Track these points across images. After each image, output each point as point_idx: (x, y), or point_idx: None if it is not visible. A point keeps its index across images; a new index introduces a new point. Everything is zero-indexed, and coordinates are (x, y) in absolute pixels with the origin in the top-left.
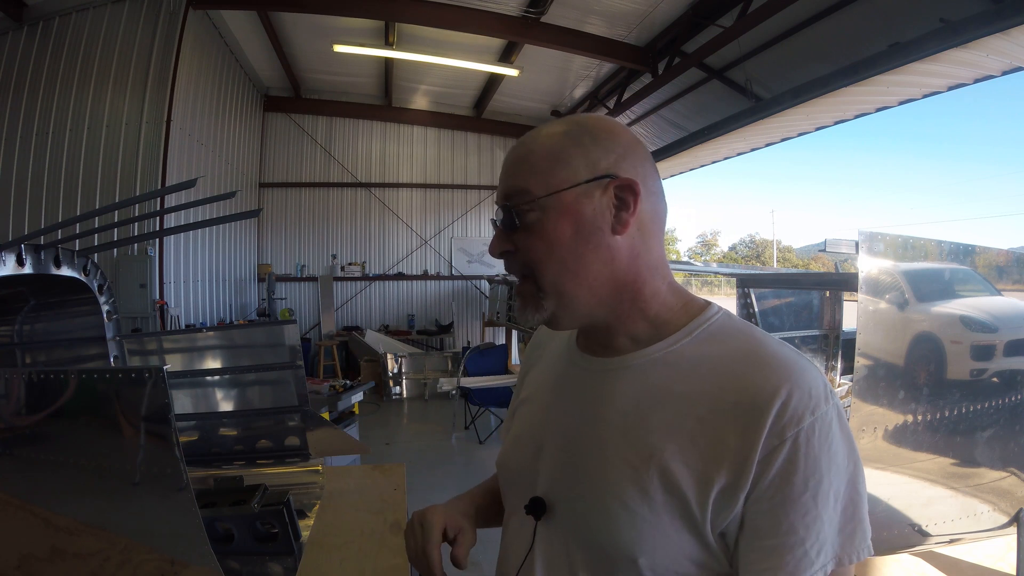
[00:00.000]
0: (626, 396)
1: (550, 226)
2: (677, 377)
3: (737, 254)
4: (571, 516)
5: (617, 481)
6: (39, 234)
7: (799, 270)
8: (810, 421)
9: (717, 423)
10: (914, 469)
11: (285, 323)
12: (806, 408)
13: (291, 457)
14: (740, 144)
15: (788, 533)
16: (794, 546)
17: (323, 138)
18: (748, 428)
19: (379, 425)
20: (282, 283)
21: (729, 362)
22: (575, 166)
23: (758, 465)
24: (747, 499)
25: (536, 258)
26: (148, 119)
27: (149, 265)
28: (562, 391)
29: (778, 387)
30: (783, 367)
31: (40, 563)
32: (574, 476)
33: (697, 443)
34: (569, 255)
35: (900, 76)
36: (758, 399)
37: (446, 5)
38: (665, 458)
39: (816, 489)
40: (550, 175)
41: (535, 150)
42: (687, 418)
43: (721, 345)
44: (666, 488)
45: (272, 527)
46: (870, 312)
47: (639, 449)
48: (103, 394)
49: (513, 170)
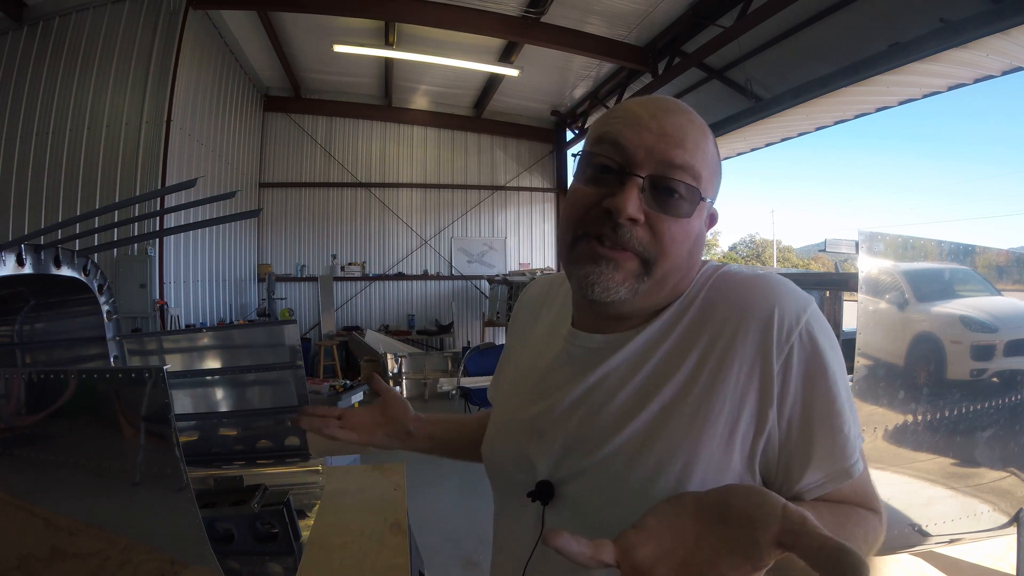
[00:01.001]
0: (630, 371)
1: (695, 225)
2: (669, 333)
3: (737, 254)
4: (583, 497)
5: (629, 455)
6: (39, 234)
7: (799, 270)
8: (806, 318)
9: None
10: (914, 469)
11: (285, 323)
12: (797, 308)
13: (291, 457)
14: (740, 144)
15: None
16: (836, 432)
17: (323, 138)
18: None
19: None
20: (282, 283)
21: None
22: (718, 181)
23: (777, 375)
24: (778, 408)
25: (668, 246)
26: (148, 119)
27: (149, 265)
28: (557, 369)
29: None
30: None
31: (40, 563)
32: (582, 455)
33: (712, 387)
34: (690, 258)
35: (900, 76)
36: (757, 314)
37: (446, 5)
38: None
39: (833, 375)
40: (712, 179)
41: (707, 139)
42: (688, 364)
43: (702, 289)
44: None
45: (272, 527)
46: (870, 312)
47: (650, 421)
48: (103, 394)
49: (689, 147)
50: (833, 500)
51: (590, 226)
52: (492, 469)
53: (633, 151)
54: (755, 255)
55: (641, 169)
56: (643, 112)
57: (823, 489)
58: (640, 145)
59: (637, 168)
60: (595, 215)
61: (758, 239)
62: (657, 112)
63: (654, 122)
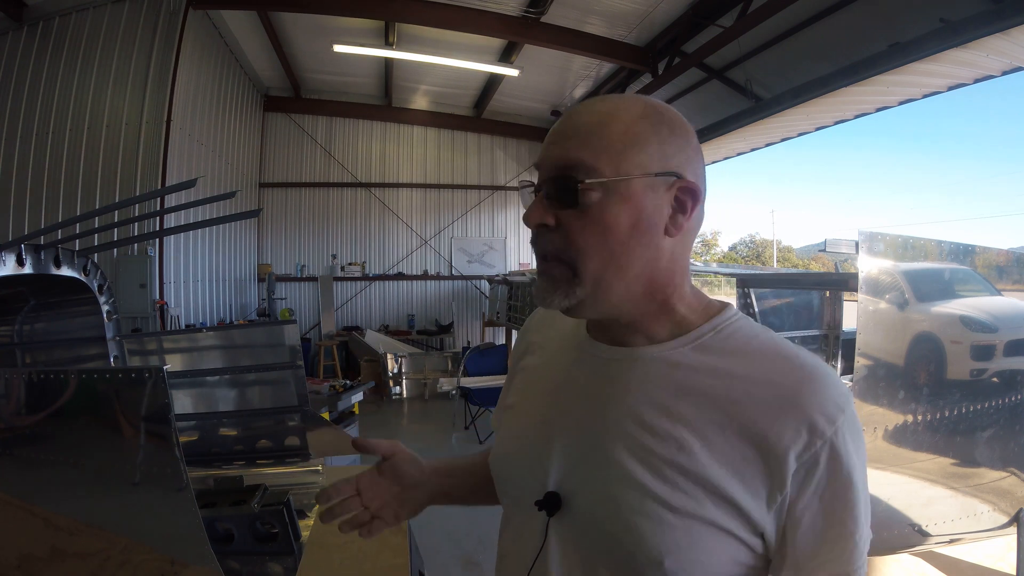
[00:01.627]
0: (649, 385)
1: (611, 212)
2: (703, 371)
3: (737, 254)
4: (589, 512)
5: (641, 475)
6: (39, 234)
7: (799, 270)
8: (843, 419)
9: (751, 420)
10: (914, 469)
11: (285, 323)
12: (838, 407)
13: (291, 457)
14: (740, 144)
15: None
16: (846, 539)
17: (323, 138)
18: (785, 426)
19: (379, 425)
20: (282, 283)
21: (758, 360)
22: (649, 154)
23: (799, 468)
24: (791, 497)
25: (585, 243)
26: (148, 119)
27: (149, 265)
28: (573, 380)
29: (812, 387)
30: (812, 368)
31: (40, 563)
32: (592, 469)
33: (729, 440)
34: (620, 247)
35: (900, 76)
36: (794, 397)
37: (446, 5)
38: (695, 452)
39: (856, 484)
40: (623, 157)
41: (609, 124)
42: (717, 413)
43: (746, 344)
44: (698, 483)
45: (272, 527)
46: (870, 312)
47: (665, 442)
48: (103, 394)
49: (579, 139)
50: None
51: (533, 246)
52: (502, 476)
53: (541, 165)
54: (755, 255)
55: (544, 178)
56: (554, 127)
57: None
58: (543, 158)
59: (540, 180)
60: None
61: (758, 239)
62: (560, 121)
63: (555, 132)
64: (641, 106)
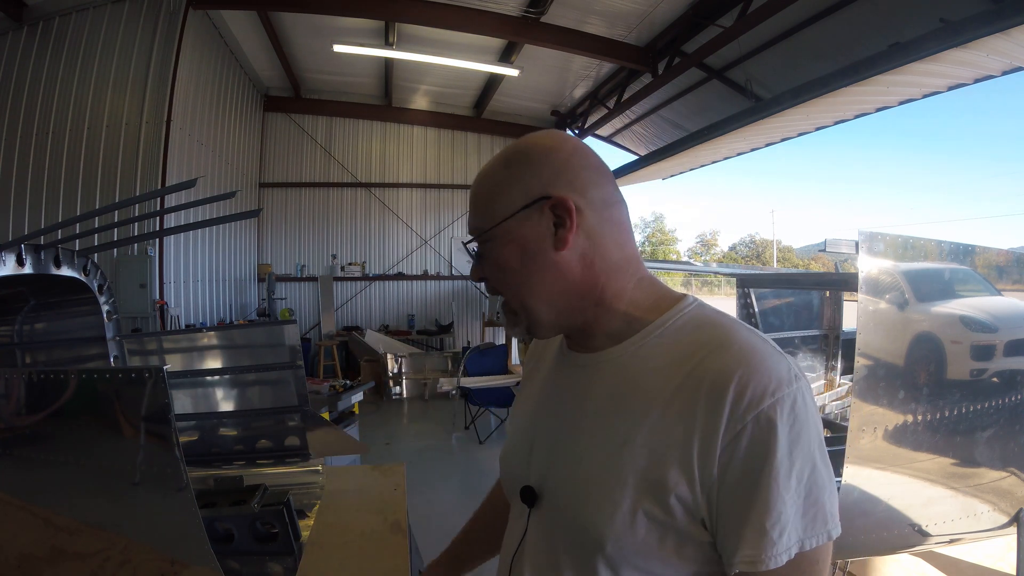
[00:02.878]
0: (603, 386)
1: (499, 254)
2: (648, 367)
3: (737, 254)
4: (555, 502)
5: (592, 468)
6: (39, 234)
7: (799, 270)
8: (770, 403)
9: (683, 409)
10: (914, 469)
11: (285, 323)
12: (765, 390)
13: (291, 457)
14: (740, 144)
15: (750, 513)
16: (756, 525)
17: (323, 138)
18: (711, 412)
19: (379, 425)
20: (282, 283)
21: (695, 349)
22: (511, 195)
23: (723, 449)
24: (717, 482)
25: (499, 284)
26: (148, 119)
27: (149, 265)
28: (552, 388)
29: (735, 370)
30: (744, 352)
31: (40, 563)
32: (558, 464)
33: (664, 429)
34: (520, 278)
35: (900, 76)
36: (717, 383)
37: (446, 5)
38: (637, 445)
39: (777, 470)
40: (492, 208)
41: (481, 185)
42: (655, 403)
43: (691, 335)
44: (639, 474)
45: (272, 527)
46: (870, 312)
47: (613, 435)
48: (103, 394)
49: (471, 208)
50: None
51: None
52: (502, 475)
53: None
54: (755, 255)
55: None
56: None
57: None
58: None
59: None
60: None
61: (758, 239)
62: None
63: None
64: (503, 155)
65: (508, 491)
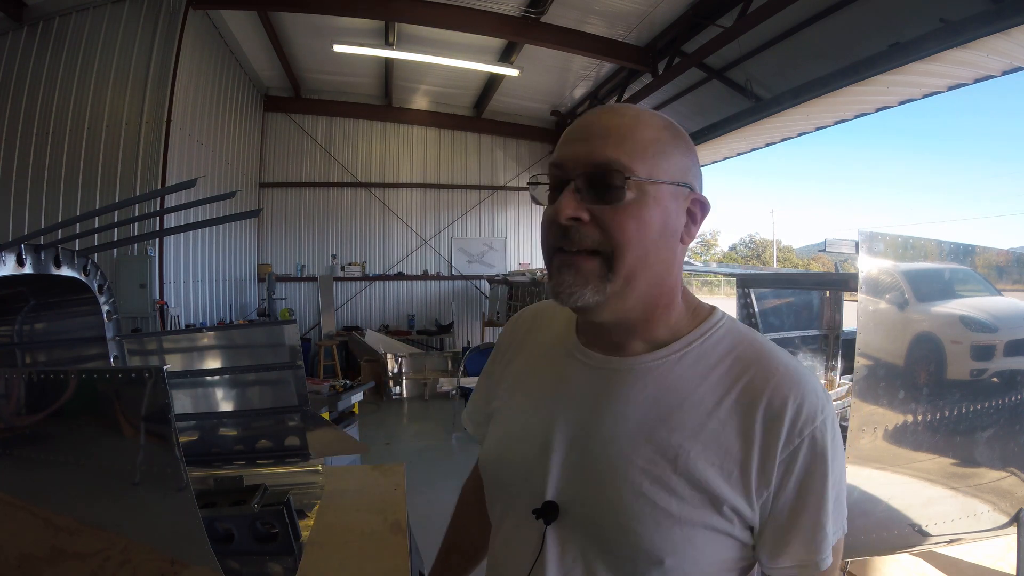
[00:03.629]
0: (643, 396)
1: (647, 211)
2: (693, 379)
3: (737, 254)
4: (589, 519)
5: (640, 482)
6: (39, 234)
7: (799, 270)
8: (821, 419)
9: (741, 425)
10: (914, 469)
11: (285, 323)
12: (816, 409)
13: (291, 457)
14: (740, 144)
15: (803, 518)
16: (816, 528)
17: (323, 138)
18: (770, 431)
19: (379, 425)
20: (282, 283)
21: (742, 366)
22: (674, 163)
23: (781, 463)
24: (774, 492)
25: (623, 239)
26: (148, 119)
27: (149, 265)
28: (566, 387)
29: (789, 392)
30: (791, 374)
31: (40, 563)
32: (591, 477)
33: (721, 444)
34: (652, 246)
35: (900, 76)
36: (775, 403)
37: (446, 5)
38: (692, 458)
39: (830, 478)
40: (655, 162)
41: (639, 130)
42: (709, 419)
43: (733, 350)
44: (694, 487)
45: (272, 527)
46: (870, 312)
47: (663, 449)
48: (103, 394)
49: (612, 140)
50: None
51: (552, 242)
52: (496, 482)
53: (565, 162)
54: (755, 255)
55: (574, 174)
56: (575, 127)
57: (790, 572)
58: (570, 156)
59: (570, 175)
60: (553, 230)
61: (758, 239)
62: (585, 122)
63: (581, 131)
64: (660, 118)
65: (502, 500)
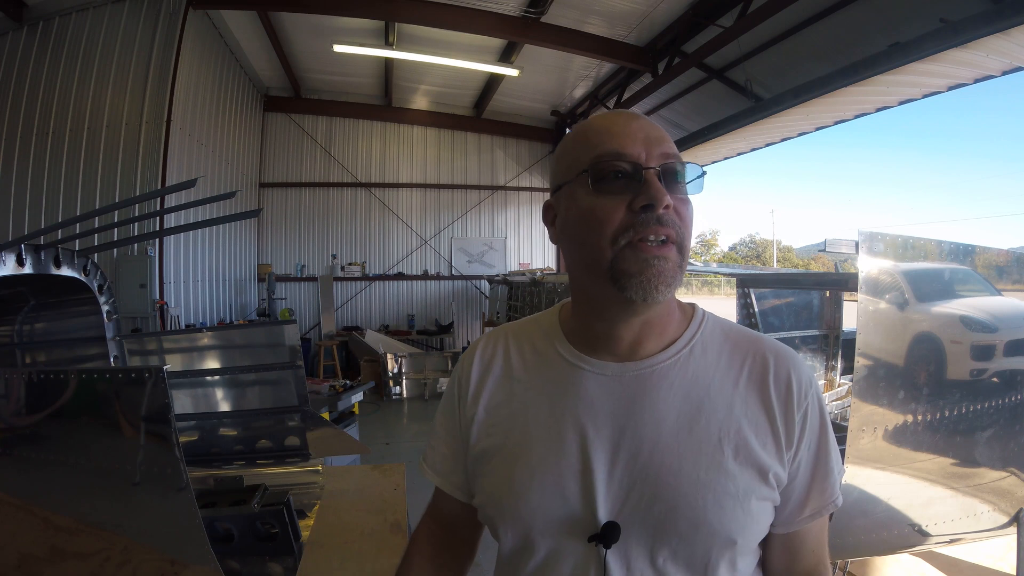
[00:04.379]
0: (672, 394)
1: (688, 206)
2: (708, 368)
3: (737, 254)
4: (653, 527)
5: (697, 474)
6: (39, 234)
7: (799, 270)
8: (815, 384)
9: (759, 400)
10: (914, 469)
11: (285, 323)
12: (809, 375)
13: (291, 457)
14: (740, 144)
15: (826, 465)
16: (828, 474)
17: (323, 138)
18: (784, 399)
19: (379, 425)
20: (282, 283)
21: (742, 351)
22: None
23: (798, 424)
24: (796, 450)
25: (688, 229)
26: (148, 119)
27: (149, 265)
28: (585, 403)
29: (789, 365)
30: (780, 349)
31: (40, 563)
32: (648, 486)
33: (751, 419)
34: (690, 233)
35: (900, 76)
36: (780, 375)
37: (446, 5)
38: (733, 437)
39: (829, 428)
40: (692, 162)
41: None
42: (734, 400)
43: (727, 338)
44: (743, 464)
45: (272, 527)
46: (870, 312)
47: (707, 437)
48: (103, 394)
49: (667, 139)
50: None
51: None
52: (522, 522)
53: (637, 153)
54: (755, 255)
55: (650, 163)
56: (618, 123)
57: (811, 519)
58: (638, 148)
59: (647, 164)
60: (630, 220)
61: (758, 239)
62: (630, 120)
63: (634, 127)
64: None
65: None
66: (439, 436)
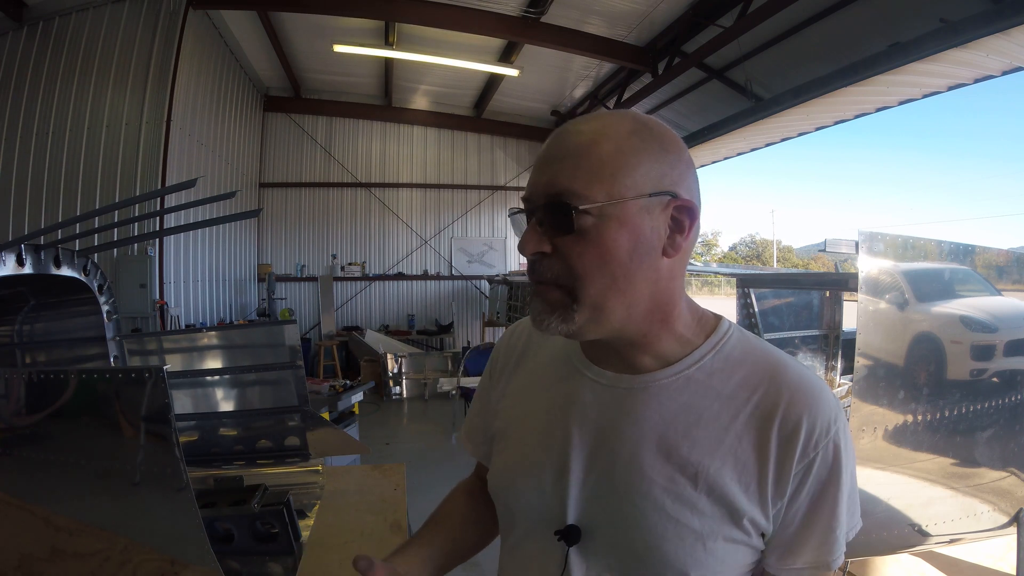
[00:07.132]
0: (660, 414)
1: (608, 237)
2: (708, 394)
3: (737, 254)
4: (613, 540)
5: (663, 501)
6: (39, 234)
7: (799, 270)
8: (834, 431)
9: (757, 441)
10: (914, 469)
11: (285, 323)
12: (829, 421)
13: (291, 457)
14: (740, 144)
15: (817, 524)
16: (828, 532)
17: (323, 138)
18: (785, 446)
19: (379, 425)
20: (282, 283)
21: (756, 380)
22: (643, 173)
23: (795, 476)
24: (787, 502)
25: (584, 269)
26: (148, 119)
27: (149, 265)
28: (577, 408)
29: (806, 408)
30: (804, 386)
31: (40, 563)
32: (613, 500)
33: (738, 458)
34: (620, 271)
35: (900, 76)
36: (789, 418)
37: (446, 5)
38: (711, 474)
39: (843, 487)
40: (615, 179)
41: (598, 144)
42: (726, 434)
43: (744, 362)
44: (715, 502)
45: (272, 527)
46: (870, 312)
47: (683, 467)
48: (103, 394)
49: (570, 163)
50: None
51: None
52: (510, 506)
53: (529, 195)
54: (755, 255)
55: (535, 207)
56: (541, 151)
57: (808, 572)
58: (531, 187)
59: (533, 208)
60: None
61: (758, 239)
62: (549, 144)
63: (543, 156)
64: (630, 122)
65: (521, 525)
66: (475, 410)
